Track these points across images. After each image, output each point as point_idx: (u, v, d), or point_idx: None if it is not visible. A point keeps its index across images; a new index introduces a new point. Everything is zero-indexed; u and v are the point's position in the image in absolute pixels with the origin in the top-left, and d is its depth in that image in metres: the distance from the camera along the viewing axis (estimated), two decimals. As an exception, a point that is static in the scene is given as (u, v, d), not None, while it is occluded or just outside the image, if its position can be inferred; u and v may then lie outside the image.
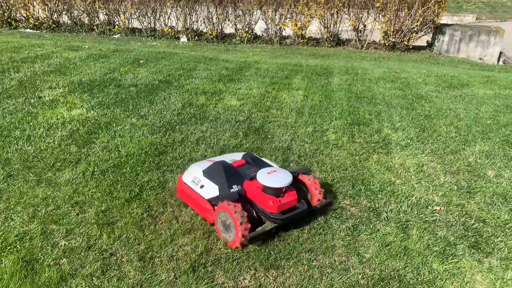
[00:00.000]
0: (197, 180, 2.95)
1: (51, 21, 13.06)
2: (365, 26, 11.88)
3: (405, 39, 11.42)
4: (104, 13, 12.90)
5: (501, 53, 12.04)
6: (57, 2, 12.90)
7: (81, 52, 7.79)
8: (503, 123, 4.82)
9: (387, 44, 11.55)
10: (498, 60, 11.96)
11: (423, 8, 10.90)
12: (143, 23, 12.91)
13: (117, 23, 13.07)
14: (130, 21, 13.01)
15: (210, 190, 2.84)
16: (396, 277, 2.45)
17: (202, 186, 2.90)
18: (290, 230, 2.80)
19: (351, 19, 11.64)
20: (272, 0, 11.68)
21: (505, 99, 5.83)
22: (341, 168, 3.69)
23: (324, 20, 11.76)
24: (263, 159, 3.23)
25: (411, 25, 11.16)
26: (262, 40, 12.42)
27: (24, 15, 13.06)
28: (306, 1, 11.34)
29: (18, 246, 2.58)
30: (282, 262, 2.55)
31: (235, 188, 2.83)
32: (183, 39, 12.54)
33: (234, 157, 3.17)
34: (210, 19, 12.27)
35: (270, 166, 3.04)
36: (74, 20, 13.17)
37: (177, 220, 2.90)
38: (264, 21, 12.16)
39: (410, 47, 11.76)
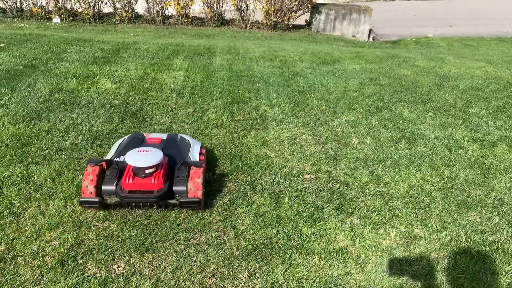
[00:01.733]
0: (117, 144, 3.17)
1: None
2: (247, 5, 12.07)
3: (285, 18, 11.86)
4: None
5: (370, 30, 13.16)
6: None
7: None
8: (367, 94, 5.30)
9: (269, 24, 11.89)
10: (369, 37, 13.08)
11: (300, -12, 11.39)
12: (6, 2, 11.52)
13: (-27, 1, 11.50)
14: (-10, 0, 11.54)
15: (109, 154, 3.05)
16: (269, 245, 2.59)
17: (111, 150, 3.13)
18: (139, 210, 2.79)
19: (233, -2, 11.72)
20: (152, -22, 11.25)
21: (370, 73, 6.41)
22: (220, 146, 3.75)
23: (207, -1, 11.68)
24: (191, 144, 3.19)
25: (290, 4, 11.61)
26: (145, 20, 11.94)
27: None
28: (187, -20, 11.13)
29: None
30: (158, 244, 2.53)
31: (122, 158, 2.85)
32: (56, 19, 11.51)
33: (161, 136, 3.22)
34: (85, -2, 11.42)
35: (177, 150, 3.04)
36: None
37: (43, 214, 2.70)
38: (145, -1, 11.68)
39: (291, 26, 12.26)
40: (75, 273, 2.28)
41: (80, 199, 2.63)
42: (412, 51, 9.43)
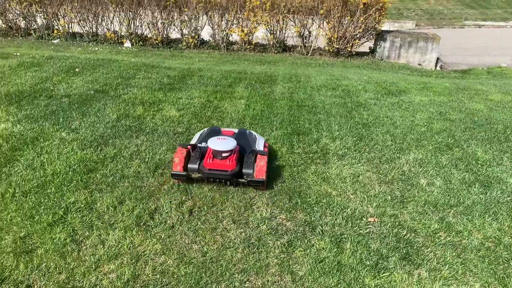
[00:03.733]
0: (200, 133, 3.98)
1: (-19, 24, 12.24)
2: (310, 32, 12.05)
3: (348, 45, 11.70)
4: (42, 16, 12.26)
5: (438, 58, 12.64)
6: (-12, 5, 12.10)
7: (11, 60, 7.32)
8: (436, 130, 5.00)
9: (331, 51, 11.78)
10: (436, 66, 12.56)
11: (365, 15, 11.21)
12: (84, 27, 12.39)
13: (56, 27, 12.47)
14: (70, 25, 12.46)
15: (192, 141, 3.87)
16: (328, 295, 2.43)
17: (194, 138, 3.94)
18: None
19: (296, 25, 11.77)
20: (218, 6, 11.60)
21: (439, 106, 6.07)
22: (279, 181, 3.65)
23: (270, 26, 11.83)
24: (257, 138, 3.88)
25: (354, 31, 11.45)
26: (209, 46, 12.29)
27: (-50, 18, 12.15)
28: (252, 8, 11.34)
29: None
30: (213, 286, 2.46)
31: (203, 144, 3.62)
32: (127, 44, 12.17)
33: (234, 130, 3.95)
34: (155, 24, 11.99)
35: (246, 141, 3.73)
36: (9, 24, 12.42)
37: (103, 244, 2.73)
38: (211, 26, 12.05)
39: (354, 53, 12.06)
40: (130, 310, 2.26)
41: (172, 172, 3.33)
42: (484, 83, 8.88)
